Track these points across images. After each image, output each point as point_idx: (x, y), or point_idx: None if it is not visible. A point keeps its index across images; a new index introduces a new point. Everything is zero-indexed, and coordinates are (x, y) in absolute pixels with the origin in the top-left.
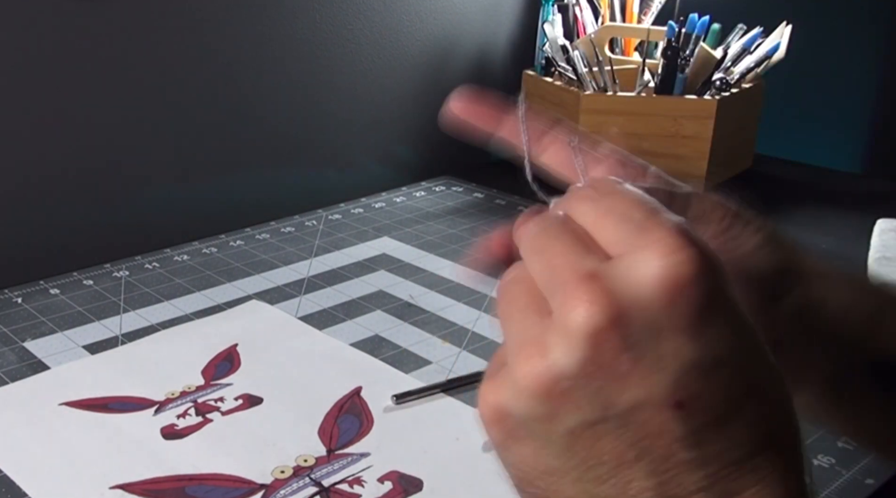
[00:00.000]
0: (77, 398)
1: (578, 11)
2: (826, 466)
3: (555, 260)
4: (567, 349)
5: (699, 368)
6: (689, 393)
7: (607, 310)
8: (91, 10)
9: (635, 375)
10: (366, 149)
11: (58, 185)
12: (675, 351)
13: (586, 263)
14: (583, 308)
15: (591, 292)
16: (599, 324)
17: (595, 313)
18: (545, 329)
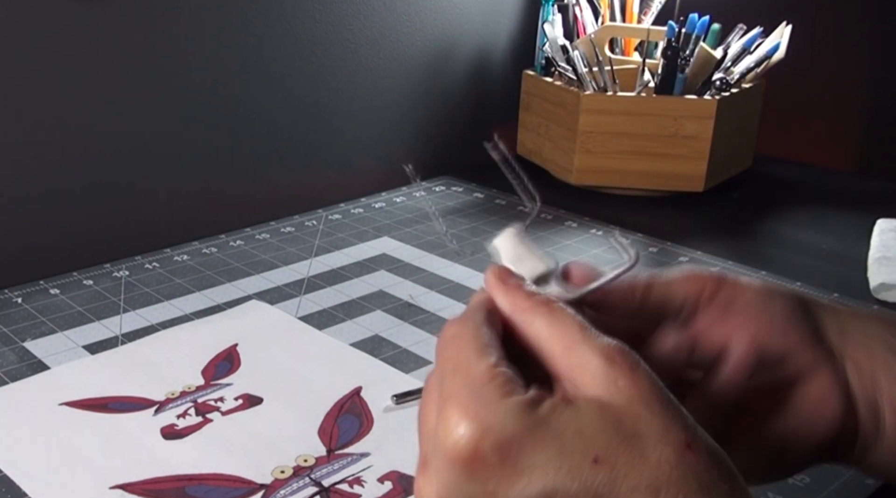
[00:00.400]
0: (77, 398)
1: (578, 11)
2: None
3: (421, 427)
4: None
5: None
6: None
7: (436, 495)
8: (90, 11)
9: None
10: (366, 149)
11: (58, 185)
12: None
13: (427, 443)
14: (422, 494)
15: (422, 480)
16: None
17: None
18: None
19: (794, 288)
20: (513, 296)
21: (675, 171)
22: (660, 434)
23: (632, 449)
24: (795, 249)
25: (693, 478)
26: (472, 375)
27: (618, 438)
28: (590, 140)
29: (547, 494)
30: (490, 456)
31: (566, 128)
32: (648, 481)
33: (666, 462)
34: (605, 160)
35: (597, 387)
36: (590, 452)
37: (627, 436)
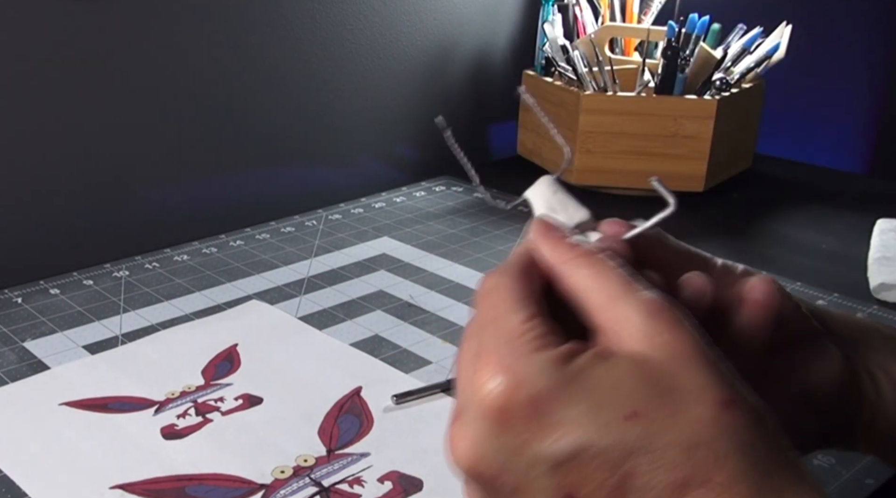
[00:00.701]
0: (77, 398)
1: (578, 11)
2: (826, 466)
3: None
4: (465, 481)
5: (564, 462)
6: (571, 484)
7: (469, 448)
8: (91, 10)
9: (522, 488)
10: (366, 149)
11: (58, 185)
12: (533, 459)
13: (463, 394)
14: (455, 447)
15: (457, 434)
16: (468, 464)
17: (461, 455)
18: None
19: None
20: (555, 247)
21: (675, 171)
22: (698, 391)
23: (668, 405)
24: (795, 249)
25: (731, 436)
26: (507, 328)
27: (654, 394)
28: (590, 140)
29: (579, 448)
30: (522, 409)
31: (566, 128)
32: (684, 438)
33: (703, 420)
34: (605, 160)
35: (637, 341)
36: (625, 407)
37: (664, 392)
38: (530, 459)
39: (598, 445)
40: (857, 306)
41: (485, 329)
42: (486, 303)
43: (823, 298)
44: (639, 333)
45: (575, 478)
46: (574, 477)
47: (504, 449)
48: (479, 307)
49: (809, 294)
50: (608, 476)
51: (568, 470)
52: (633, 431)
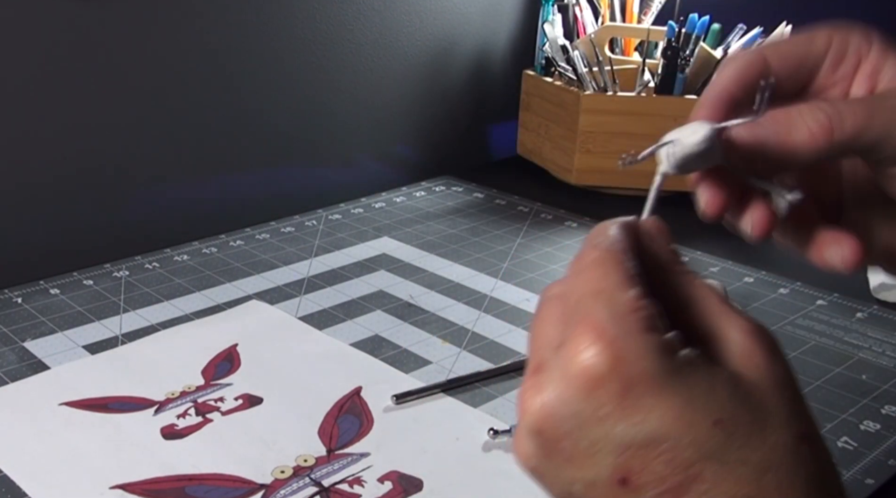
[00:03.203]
0: (77, 398)
1: (578, 11)
2: None
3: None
4: (525, 439)
5: (633, 447)
6: (631, 470)
7: (541, 404)
8: (90, 10)
9: (580, 458)
10: (366, 149)
11: (58, 185)
12: (604, 435)
13: (546, 349)
14: (527, 401)
15: (532, 388)
16: (536, 416)
17: (534, 406)
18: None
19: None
20: (670, 253)
21: None
22: (783, 418)
23: (754, 423)
24: None
25: (802, 467)
26: (616, 302)
27: (743, 409)
28: (590, 140)
29: (656, 437)
30: (615, 384)
31: (566, 128)
32: (759, 458)
33: (783, 446)
34: (605, 160)
35: (736, 357)
36: (714, 413)
37: (753, 409)
38: (602, 434)
39: (676, 440)
40: (856, 306)
41: (589, 298)
42: (592, 273)
43: (823, 299)
44: (738, 350)
45: (638, 465)
46: (637, 463)
47: (579, 416)
48: (579, 277)
49: (809, 294)
50: (672, 473)
51: (634, 455)
52: (714, 439)
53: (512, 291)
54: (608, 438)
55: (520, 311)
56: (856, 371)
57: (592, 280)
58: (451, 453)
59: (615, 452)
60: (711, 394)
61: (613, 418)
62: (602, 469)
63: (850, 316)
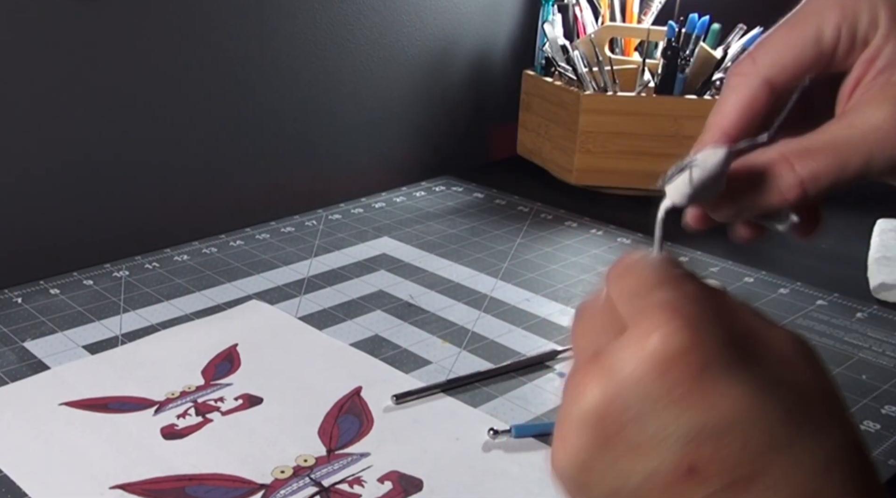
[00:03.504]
0: (77, 398)
1: (578, 11)
2: None
3: (582, 335)
4: (576, 430)
5: (704, 433)
6: (699, 458)
7: (604, 388)
8: (91, 11)
9: (644, 445)
10: (366, 149)
11: (58, 185)
12: (675, 419)
13: (599, 340)
14: (584, 389)
15: (590, 374)
16: (596, 402)
17: (593, 393)
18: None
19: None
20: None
21: None
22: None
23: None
24: (795, 249)
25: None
26: (685, 288)
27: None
28: (590, 140)
29: (730, 423)
30: (693, 363)
31: (566, 128)
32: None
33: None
34: (605, 160)
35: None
36: (786, 403)
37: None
38: (673, 418)
39: (748, 428)
40: (856, 306)
41: (653, 286)
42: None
43: (823, 299)
44: (789, 357)
45: (708, 453)
46: (707, 451)
47: (650, 397)
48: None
49: (809, 294)
50: (741, 462)
51: (705, 442)
52: (786, 428)
53: (512, 291)
54: (679, 421)
55: (520, 311)
56: (856, 371)
57: (654, 274)
58: (451, 453)
59: (685, 437)
60: (781, 385)
61: (688, 400)
62: (668, 457)
63: (850, 316)
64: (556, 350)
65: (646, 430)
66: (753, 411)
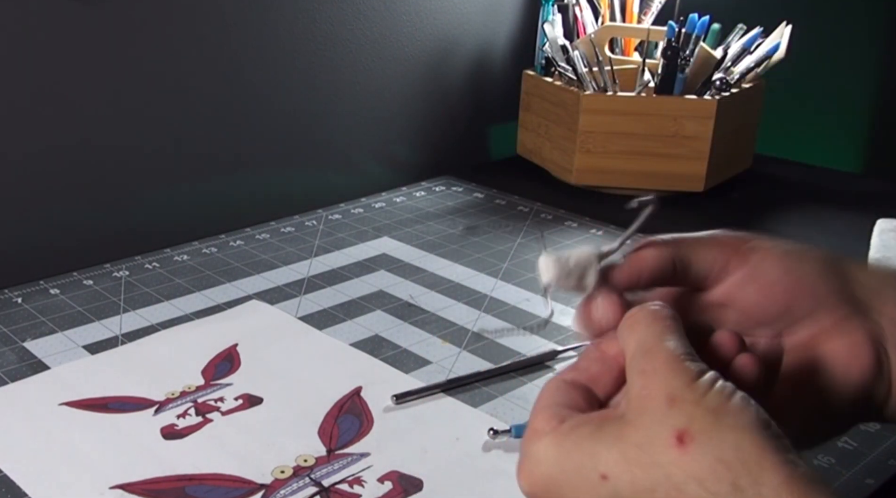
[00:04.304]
0: (77, 398)
1: (578, 11)
2: (826, 466)
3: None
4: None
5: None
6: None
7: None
8: (90, 10)
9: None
10: (366, 149)
11: (58, 185)
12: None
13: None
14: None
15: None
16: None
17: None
18: None
19: (823, 250)
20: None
21: (675, 171)
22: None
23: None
24: None
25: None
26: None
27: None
28: (590, 140)
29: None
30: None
31: (566, 128)
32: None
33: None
34: (605, 160)
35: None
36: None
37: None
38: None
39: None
40: None
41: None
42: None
43: None
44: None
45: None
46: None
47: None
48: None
49: None
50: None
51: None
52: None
53: (512, 291)
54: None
55: (520, 311)
56: None
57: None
58: (451, 453)
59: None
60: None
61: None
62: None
63: None
64: (556, 350)
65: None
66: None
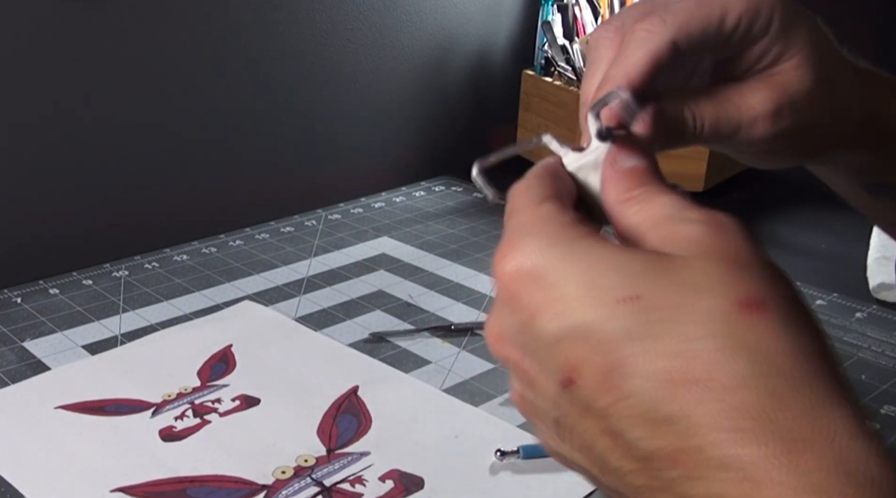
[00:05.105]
0: (73, 401)
1: (578, 11)
2: None
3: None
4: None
5: (563, 340)
6: (571, 368)
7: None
8: (90, 11)
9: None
10: (366, 149)
11: (57, 185)
12: (539, 336)
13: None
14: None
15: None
16: (497, 354)
17: (491, 345)
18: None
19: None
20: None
21: (674, 170)
22: (717, 286)
23: (675, 295)
24: (795, 250)
25: (743, 337)
26: (522, 216)
27: (663, 282)
28: None
29: (575, 326)
30: (525, 284)
31: (566, 128)
32: (685, 329)
33: (712, 314)
34: None
35: (667, 242)
36: (624, 289)
37: (676, 282)
38: (537, 336)
39: (593, 325)
40: (856, 306)
41: (505, 224)
42: (510, 203)
43: (823, 298)
44: (679, 235)
45: (573, 359)
46: (572, 358)
47: (517, 326)
48: (512, 199)
49: (809, 294)
50: (600, 358)
51: (568, 350)
52: (630, 314)
53: None
54: (542, 339)
55: None
56: (855, 371)
57: (508, 209)
58: (452, 451)
59: (553, 352)
60: (620, 269)
61: (537, 317)
62: (552, 375)
63: (849, 316)
64: None
65: (532, 357)
66: (590, 307)
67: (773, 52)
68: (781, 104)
